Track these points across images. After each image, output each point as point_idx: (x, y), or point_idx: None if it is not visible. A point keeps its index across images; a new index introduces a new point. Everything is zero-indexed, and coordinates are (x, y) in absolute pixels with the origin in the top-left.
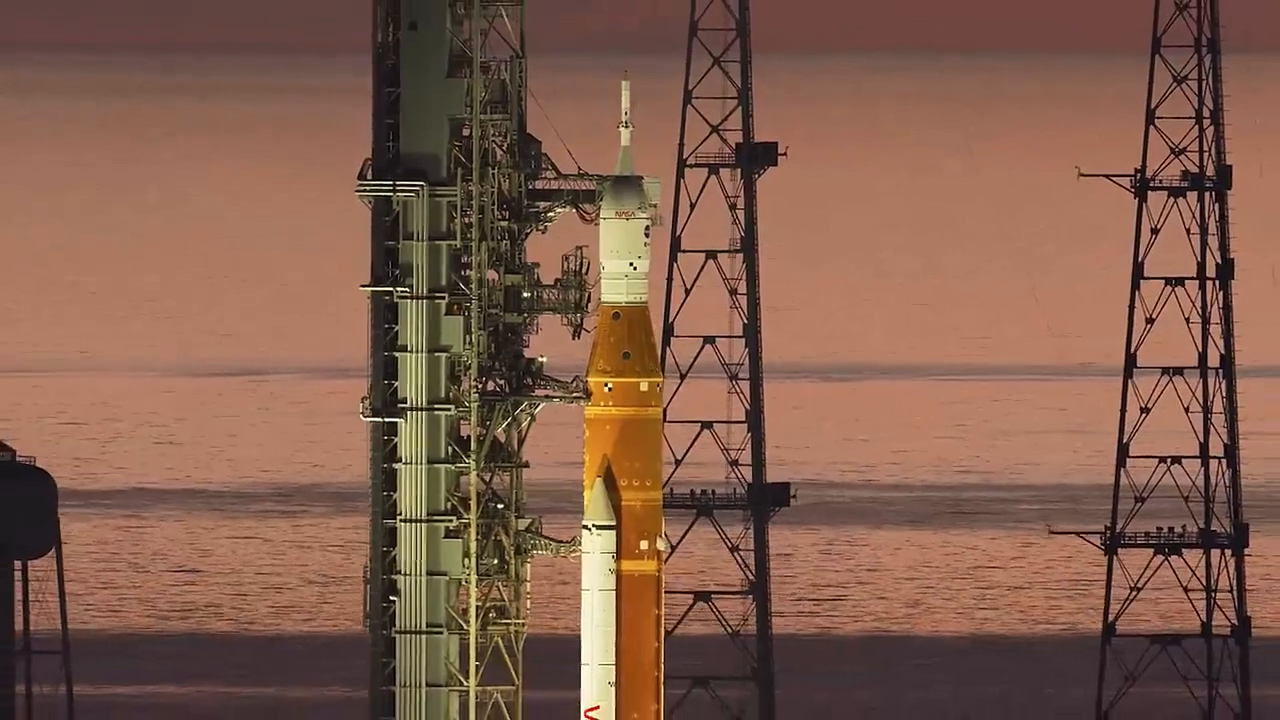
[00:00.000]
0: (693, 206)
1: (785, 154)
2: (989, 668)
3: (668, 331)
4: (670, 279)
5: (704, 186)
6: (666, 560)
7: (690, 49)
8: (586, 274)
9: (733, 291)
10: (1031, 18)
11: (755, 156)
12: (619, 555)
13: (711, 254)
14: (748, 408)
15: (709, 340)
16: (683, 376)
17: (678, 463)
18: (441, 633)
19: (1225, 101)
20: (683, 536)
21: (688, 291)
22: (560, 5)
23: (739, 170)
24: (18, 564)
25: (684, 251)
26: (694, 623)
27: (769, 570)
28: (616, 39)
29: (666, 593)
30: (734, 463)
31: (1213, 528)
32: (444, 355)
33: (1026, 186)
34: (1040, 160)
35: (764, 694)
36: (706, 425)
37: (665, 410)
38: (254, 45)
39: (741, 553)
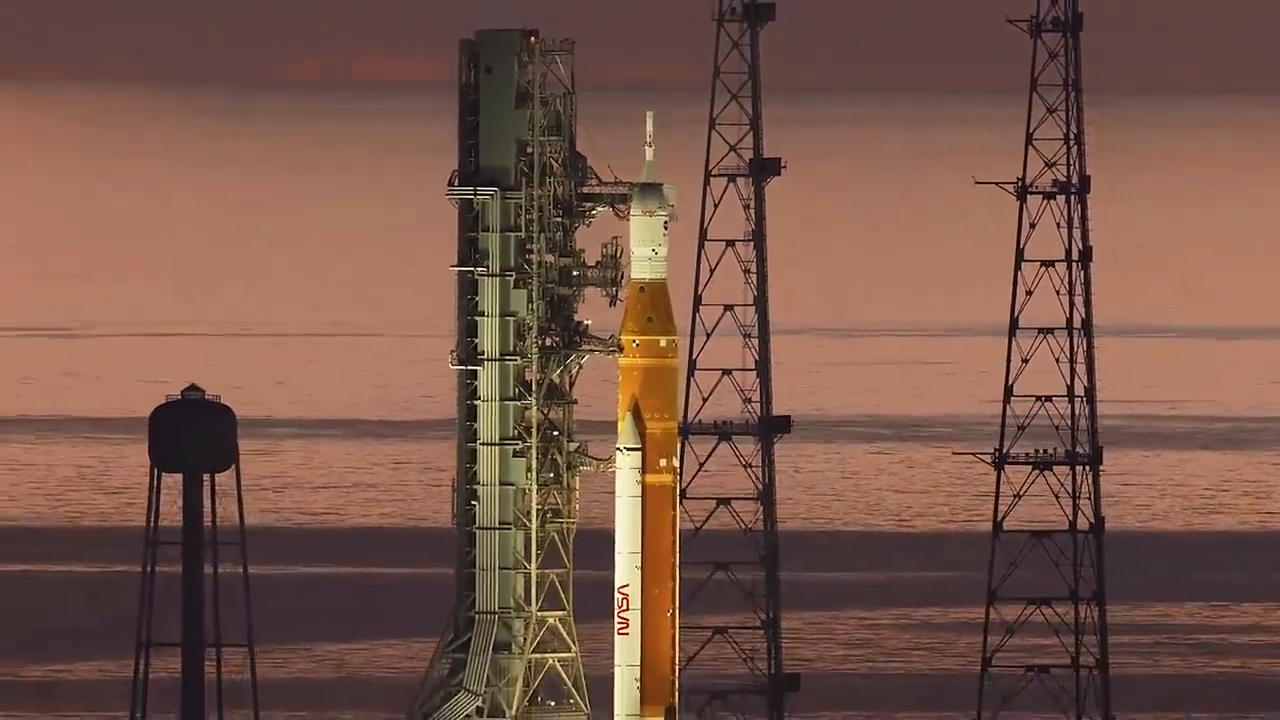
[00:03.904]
0: (716, 206)
1: (785, 167)
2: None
3: (697, 301)
4: (699, 261)
5: (724, 191)
6: (688, 485)
7: (714, 87)
8: (620, 257)
9: (746, 271)
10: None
11: (763, 169)
12: (644, 470)
13: (730, 242)
14: (757, 358)
15: (728, 308)
16: (709, 335)
17: (704, 400)
18: (510, 529)
19: (1086, 127)
20: (709, 455)
21: (712, 271)
22: (605, 52)
23: (751, 179)
24: (206, 477)
25: (709, 240)
26: (716, 522)
27: (774, 480)
28: (652, 79)
29: (695, 498)
30: (747, 400)
31: (1076, 449)
32: (512, 319)
33: (929, 189)
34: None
35: (770, 576)
36: (726, 372)
37: (695, 360)
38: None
39: (753, 468)
